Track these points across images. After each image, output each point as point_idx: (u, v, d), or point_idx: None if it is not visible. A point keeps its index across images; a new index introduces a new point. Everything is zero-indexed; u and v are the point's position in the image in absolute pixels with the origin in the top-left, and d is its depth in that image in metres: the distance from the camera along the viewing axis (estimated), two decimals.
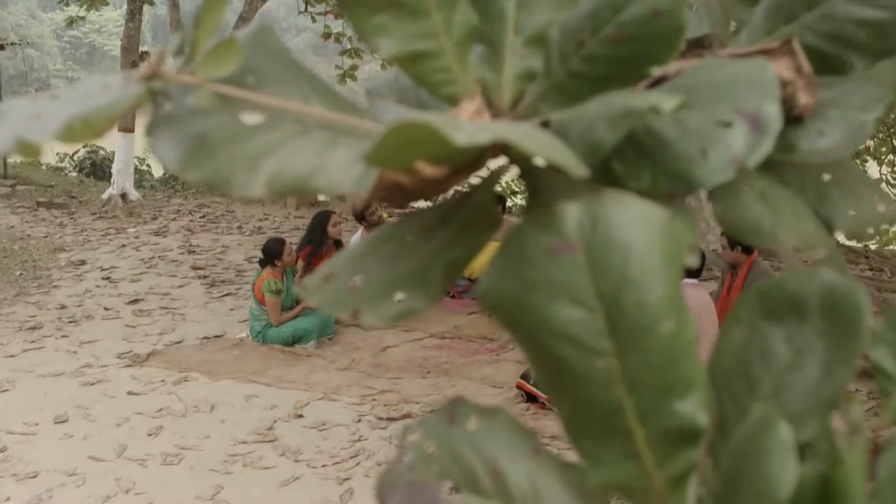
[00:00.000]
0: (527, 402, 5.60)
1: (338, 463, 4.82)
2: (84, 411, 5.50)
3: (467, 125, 0.52)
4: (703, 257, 6.04)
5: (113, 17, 61.27)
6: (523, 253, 0.53)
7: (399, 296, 0.59)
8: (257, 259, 9.13)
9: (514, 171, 0.66)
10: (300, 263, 7.49)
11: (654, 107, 0.55)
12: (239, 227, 12.10)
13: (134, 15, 13.50)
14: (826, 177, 0.75)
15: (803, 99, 0.71)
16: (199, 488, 4.55)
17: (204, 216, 12.98)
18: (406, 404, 5.59)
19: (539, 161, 0.67)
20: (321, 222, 7.83)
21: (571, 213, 0.52)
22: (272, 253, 6.89)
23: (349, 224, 12.08)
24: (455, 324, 7.51)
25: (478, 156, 0.63)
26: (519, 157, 0.65)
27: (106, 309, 7.92)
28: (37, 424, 5.30)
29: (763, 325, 0.58)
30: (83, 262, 9.74)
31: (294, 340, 6.85)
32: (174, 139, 0.61)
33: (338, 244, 7.96)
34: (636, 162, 0.62)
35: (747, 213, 0.69)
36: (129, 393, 5.83)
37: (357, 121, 0.65)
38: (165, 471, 4.75)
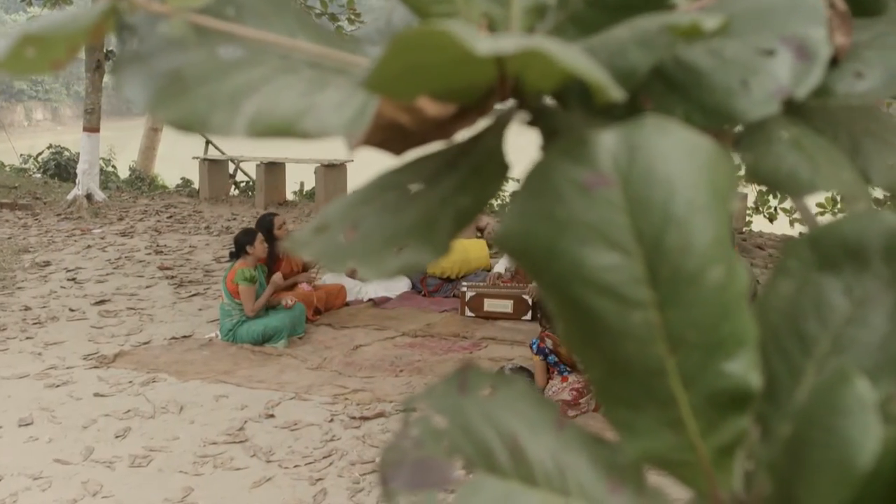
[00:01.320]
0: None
1: (310, 463, 4.73)
2: (49, 413, 5.37)
3: (488, 37, 0.44)
4: None
5: None
6: (550, 189, 0.46)
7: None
8: (226, 259, 9.03)
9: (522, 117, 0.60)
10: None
11: (695, 24, 0.48)
12: (207, 227, 11.96)
13: None
14: (862, 126, 0.68)
15: (839, 39, 0.64)
16: (168, 490, 4.44)
17: (171, 216, 12.82)
18: (379, 403, 5.51)
19: (551, 101, 0.60)
20: (267, 227, 7.51)
21: (606, 141, 0.45)
22: (243, 242, 6.84)
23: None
24: (427, 322, 7.44)
25: (485, 95, 0.56)
26: (530, 98, 0.58)
27: (71, 310, 7.77)
28: (1, 427, 5.16)
29: (816, 275, 0.52)
30: (48, 264, 9.57)
31: (264, 339, 6.75)
32: (144, 76, 0.54)
33: None
34: (666, 97, 0.55)
35: (781, 162, 0.62)
36: (96, 394, 5.71)
37: (349, 56, 0.58)
38: (133, 473, 4.64)
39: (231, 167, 15.57)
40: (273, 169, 13.84)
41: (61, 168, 16.92)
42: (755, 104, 0.52)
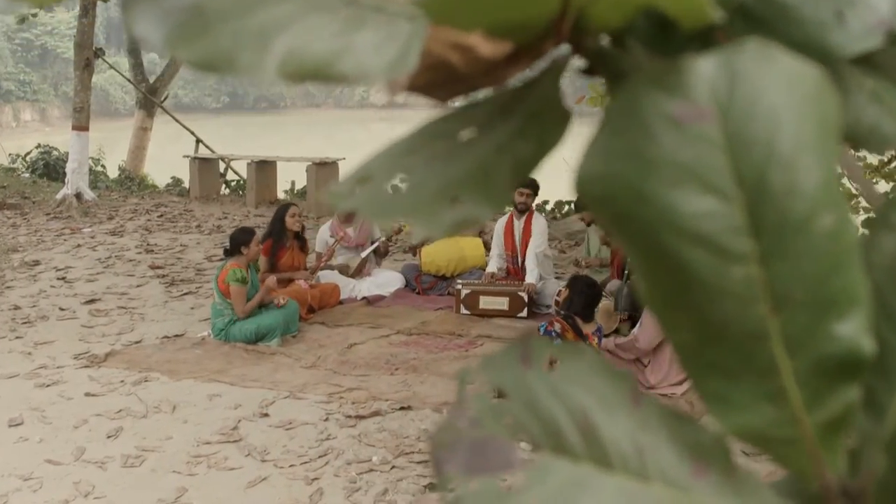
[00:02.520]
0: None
1: (306, 462, 4.66)
2: (40, 413, 5.29)
3: None
4: None
5: (65, 19, 60.44)
6: (637, 124, 0.39)
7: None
8: (218, 257, 8.96)
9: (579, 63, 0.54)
10: (263, 259, 7.32)
11: None
12: (198, 226, 11.88)
13: (87, 11, 13.21)
14: None
15: None
16: (161, 491, 4.37)
17: (161, 215, 12.73)
18: (375, 402, 5.44)
19: (608, 43, 0.55)
20: (280, 214, 7.71)
21: (703, 69, 0.39)
22: (239, 241, 6.73)
23: (312, 221, 11.93)
24: (422, 320, 7.37)
25: (542, 35, 0.50)
26: (589, 40, 0.52)
27: (61, 309, 7.68)
28: None
29: None
30: (37, 263, 9.47)
31: (257, 338, 6.67)
32: (159, 11, 0.48)
33: (298, 237, 7.81)
34: (747, 34, 0.49)
35: (861, 114, 0.56)
36: (87, 394, 5.63)
37: None
38: (126, 473, 4.57)
39: (222, 166, 15.47)
40: (264, 167, 13.75)
41: (50, 168, 16.80)
42: (853, 38, 0.46)
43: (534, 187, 7.95)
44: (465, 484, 0.45)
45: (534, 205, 8.19)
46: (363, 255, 8.37)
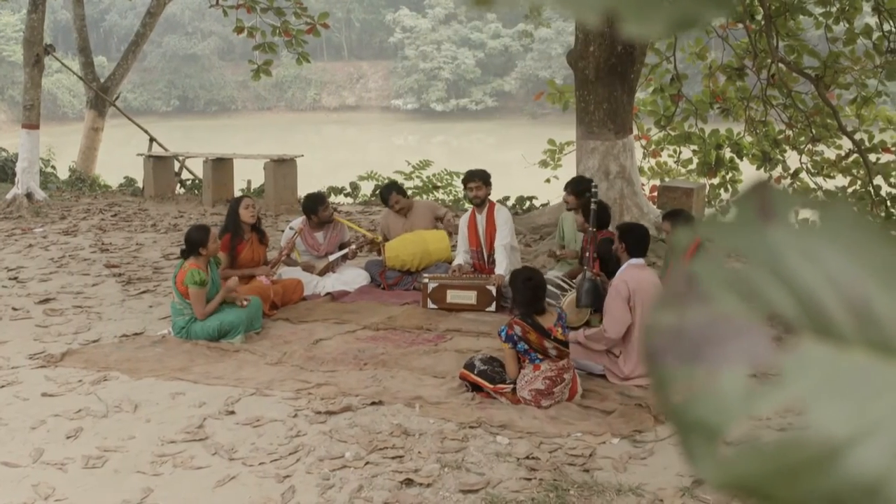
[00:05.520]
0: (471, 391, 5.35)
1: (276, 460, 4.50)
2: None
3: None
4: (648, 236, 5.90)
5: (11, 21, 59.38)
6: None
7: None
8: (175, 256, 8.76)
9: None
10: (223, 255, 7.13)
11: None
12: (153, 225, 11.62)
13: (37, 6, 12.88)
14: None
15: None
16: (126, 492, 4.18)
17: (115, 214, 12.45)
18: (344, 397, 5.29)
19: None
20: (234, 207, 7.55)
21: None
22: (196, 241, 6.48)
23: (271, 219, 11.74)
24: (388, 315, 7.23)
25: None
26: None
27: (14, 309, 7.43)
28: None
29: None
30: None
31: (220, 335, 6.48)
32: None
33: (256, 230, 7.63)
34: None
35: None
36: (44, 394, 5.41)
37: None
38: (88, 475, 4.37)
39: (176, 165, 15.19)
40: (220, 165, 13.50)
41: None
42: None
43: (483, 178, 7.83)
44: (695, 380, 0.32)
45: (492, 198, 8.06)
46: (331, 259, 8.22)
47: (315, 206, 8.20)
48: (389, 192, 8.58)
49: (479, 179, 7.80)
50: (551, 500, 4.04)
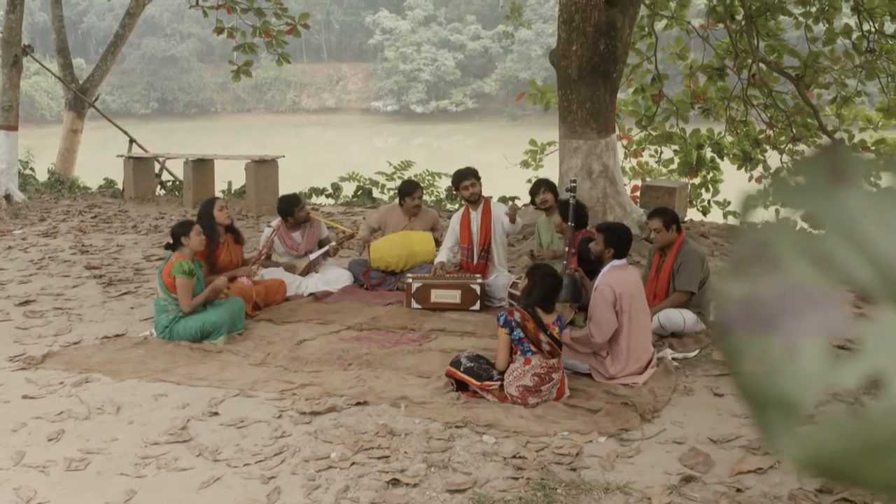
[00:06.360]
0: (457, 390, 5.33)
1: (261, 461, 4.46)
2: None
3: None
4: (630, 238, 5.90)
5: None
6: None
7: None
8: (156, 257, 8.71)
9: None
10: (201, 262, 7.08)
11: None
12: (134, 227, 11.55)
13: (15, 6, 12.77)
14: None
15: None
16: (109, 494, 4.13)
17: (95, 216, 12.36)
18: (329, 398, 5.25)
19: None
20: (208, 209, 7.43)
21: None
22: (179, 233, 6.53)
23: (252, 220, 11.69)
24: (372, 315, 7.21)
25: None
26: None
27: None
28: None
29: None
30: None
31: (203, 336, 6.44)
32: None
33: (231, 230, 7.57)
34: None
35: None
36: (25, 397, 5.35)
37: None
38: (70, 477, 4.32)
39: (157, 167, 15.10)
40: (201, 166, 13.43)
41: None
42: None
43: (476, 175, 7.89)
44: (770, 352, 0.30)
45: (484, 194, 8.10)
46: (312, 257, 8.17)
47: (290, 208, 8.14)
48: (415, 188, 8.47)
49: (472, 177, 7.86)
50: (539, 499, 4.02)
